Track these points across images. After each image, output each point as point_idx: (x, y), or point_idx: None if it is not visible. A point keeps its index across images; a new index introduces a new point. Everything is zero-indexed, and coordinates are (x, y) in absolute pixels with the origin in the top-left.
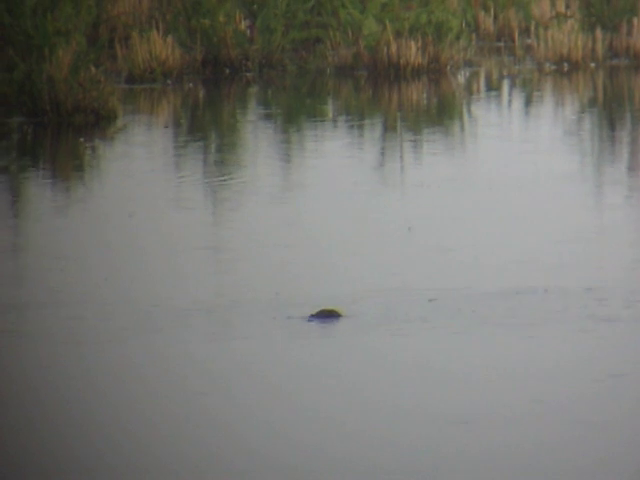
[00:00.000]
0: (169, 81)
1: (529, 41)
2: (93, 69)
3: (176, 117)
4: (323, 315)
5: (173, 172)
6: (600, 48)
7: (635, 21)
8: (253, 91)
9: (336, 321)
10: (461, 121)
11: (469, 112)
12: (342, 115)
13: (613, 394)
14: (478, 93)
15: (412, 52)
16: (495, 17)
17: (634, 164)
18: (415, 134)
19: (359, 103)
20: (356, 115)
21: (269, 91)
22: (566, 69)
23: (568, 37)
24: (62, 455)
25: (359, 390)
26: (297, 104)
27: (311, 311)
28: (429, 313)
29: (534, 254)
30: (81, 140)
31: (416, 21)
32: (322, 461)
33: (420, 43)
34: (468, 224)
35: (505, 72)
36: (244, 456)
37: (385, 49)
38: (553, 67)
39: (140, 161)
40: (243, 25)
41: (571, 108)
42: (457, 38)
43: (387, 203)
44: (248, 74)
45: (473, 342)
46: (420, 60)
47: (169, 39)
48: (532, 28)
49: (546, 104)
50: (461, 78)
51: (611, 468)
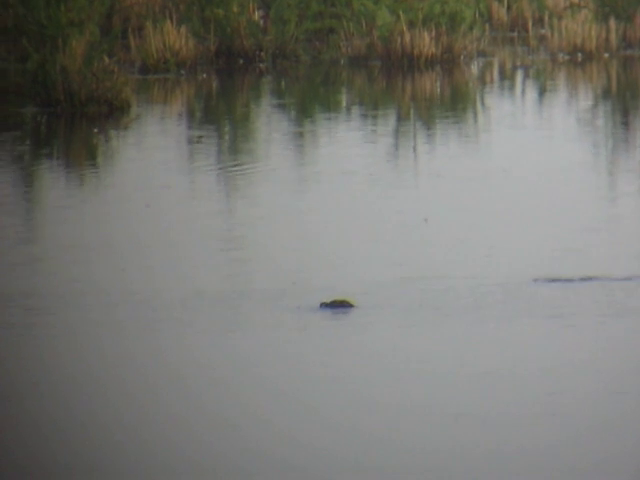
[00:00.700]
0: (182, 71)
1: (543, 31)
2: (106, 59)
3: (189, 107)
4: (335, 305)
5: (187, 162)
6: (614, 38)
7: None
8: (266, 81)
9: (348, 311)
10: (474, 111)
11: (482, 102)
12: (356, 105)
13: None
14: (491, 83)
15: (425, 42)
16: (508, 7)
17: None
18: (429, 124)
19: (373, 93)
20: (370, 105)
21: (282, 82)
22: (580, 59)
23: (582, 27)
24: (62, 451)
25: (365, 386)
26: (311, 94)
27: (323, 300)
28: (443, 304)
29: (553, 243)
30: (95, 130)
31: (429, 11)
32: (325, 460)
33: (433, 33)
34: (484, 214)
35: (518, 62)
36: (244, 455)
37: (399, 39)
38: (567, 57)
39: (153, 151)
40: (257, 15)
41: (585, 98)
42: (470, 28)
43: (403, 194)
44: (261, 64)
45: (487, 334)
46: (433, 50)
47: (183, 29)
48: (546, 18)
49: (560, 94)
50: (474, 68)
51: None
